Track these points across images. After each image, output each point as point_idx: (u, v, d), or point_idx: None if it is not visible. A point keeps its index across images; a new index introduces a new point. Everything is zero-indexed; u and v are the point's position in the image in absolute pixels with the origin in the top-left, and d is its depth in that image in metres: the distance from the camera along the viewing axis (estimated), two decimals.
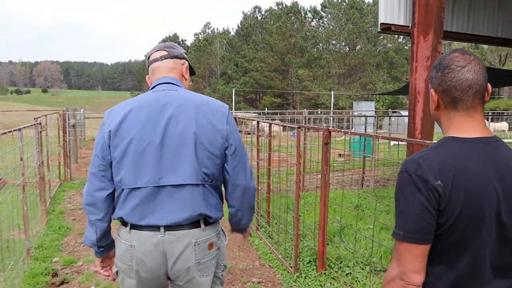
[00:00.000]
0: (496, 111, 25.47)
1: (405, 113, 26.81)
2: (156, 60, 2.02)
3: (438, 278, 1.31)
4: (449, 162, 1.26)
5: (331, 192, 5.44)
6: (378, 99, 45.23)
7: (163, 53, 2.03)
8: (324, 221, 4.03)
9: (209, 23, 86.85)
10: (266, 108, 39.30)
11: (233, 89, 37.57)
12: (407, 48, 52.87)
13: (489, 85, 1.35)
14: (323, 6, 56.10)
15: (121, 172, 1.85)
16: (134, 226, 1.87)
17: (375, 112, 26.77)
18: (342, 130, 4.41)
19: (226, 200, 2.07)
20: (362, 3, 52.17)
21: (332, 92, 37.16)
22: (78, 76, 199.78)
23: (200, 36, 70.67)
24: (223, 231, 2.13)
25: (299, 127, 4.26)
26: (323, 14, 56.58)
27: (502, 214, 1.27)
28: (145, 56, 2.17)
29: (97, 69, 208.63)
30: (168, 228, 1.84)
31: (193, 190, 1.86)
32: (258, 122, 5.68)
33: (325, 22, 56.69)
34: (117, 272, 2.02)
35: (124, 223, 1.92)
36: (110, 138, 1.85)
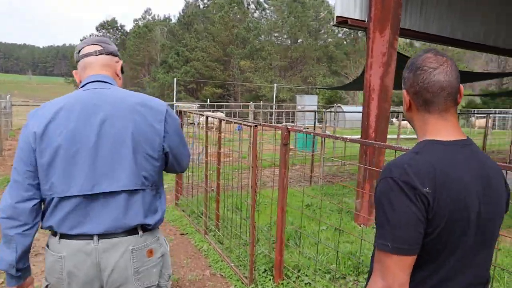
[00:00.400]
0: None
1: (347, 108, 27.33)
2: (89, 54, 1.85)
3: (420, 284, 1.28)
4: (433, 167, 1.21)
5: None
6: (318, 92, 46.07)
7: (98, 48, 1.87)
8: (282, 229, 3.73)
9: (150, 9, 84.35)
10: (208, 100, 38.68)
11: (175, 79, 36.39)
12: (346, 43, 54.21)
13: (461, 86, 1.33)
14: None
15: (50, 179, 1.67)
16: (64, 236, 1.71)
17: (317, 106, 27.07)
18: (304, 130, 4.11)
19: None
20: None
21: (275, 85, 37.11)
22: (6, 59, 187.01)
23: (140, 22, 68.17)
24: (162, 236, 1.97)
25: (256, 125, 3.91)
26: (266, 6, 56.53)
27: (481, 218, 1.26)
28: (75, 49, 1.93)
29: (28, 52, 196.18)
30: (102, 236, 1.70)
31: (130, 197, 1.72)
32: (207, 118, 5.27)
33: (268, 14, 56.65)
34: (46, 286, 1.80)
35: (53, 233, 1.75)
36: (36, 141, 1.66)
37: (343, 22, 5.85)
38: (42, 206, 1.77)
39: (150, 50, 60.84)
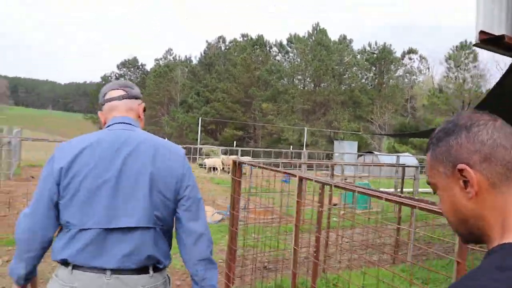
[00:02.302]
0: None
1: (383, 157, 25.52)
2: (113, 99, 1.97)
3: None
4: None
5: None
6: (342, 138, 44.62)
7: (122, 92, 1.98)
8: None
9: (171, 49, 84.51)
10: (234, 142, 37.28)
11: (199, 119, 35.09)
12: (371, 87, 53.12)
13: None
14: (289, 41, 55.62)
15: (70, 211, 1.76)
16: (77, 267, 1.74)
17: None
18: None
19: (181, 256, 1.94)
20: (329, 40, 52.05)
21: (306, 128, 35.60)
22: (28, 93, 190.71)
23: (161, 61, 68.36)
24: (168, 277, 1.99)
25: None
26: (289, 49, 56.05)
27: None
28: (101, 93, 2.04)
29: (49, 87, 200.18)
30: (115, 271, 1.74)
31: (143, 234, 1.78)
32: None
33: (291, 57, 56.09)
34: None
35: (66, 264, 1.77)
36: (61, 176, 1.75)
37: (489, 40, 3.90)
38: (56, 236, 1.84)
39: (170, 90, 60.54)
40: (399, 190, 7.98)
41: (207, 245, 1.92)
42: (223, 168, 22.13)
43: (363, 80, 53.95)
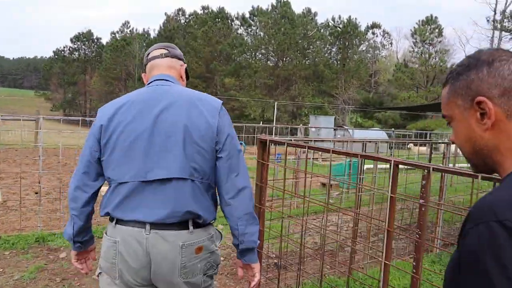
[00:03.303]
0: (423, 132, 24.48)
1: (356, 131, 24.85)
2: (155, 57, 1.99)
3: None
4: None
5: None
6: (306, 113, 43.98)
7: (164, 51, 2.00)
8: None
9: (128, 22, 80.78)
10: None
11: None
12: (336, 63, 52.53)
13: None
14: (252, 14, 53.84)
15: (110, 167, 1.81)
16: (119, 221, 1.80)
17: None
18: None
19: (222, 211, 1.91)
20: (293, 13, 50.72)
21: (276, 102, 34.45)
22: None
23: (117, 35, 65.08)
24: (219, 232, 2.00)
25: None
26: (252, 22, 54.32)
27: None
28: (145, 54, 2.08)
29: None
30: (154, 226, 1.75)
31: (179, 185, 1.76)
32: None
33: (254, 31, 54.44)
34: (99, 274, 1.91)
35: (110, 218, 1.85)
36: (101, 132, 1.81)
37: None
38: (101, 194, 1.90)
39: (128, 64, 57.84)
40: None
41: (249, 199, 1.88)
42: None
43: (327, 55, 53.20)
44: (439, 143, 12.83)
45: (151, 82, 1.91)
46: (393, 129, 25.06)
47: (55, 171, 11.36)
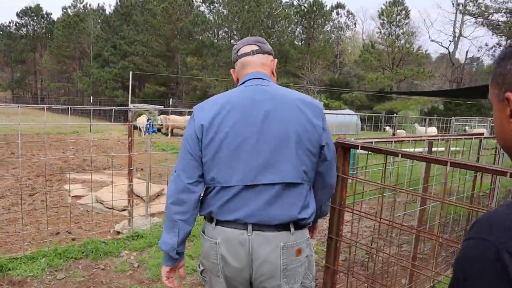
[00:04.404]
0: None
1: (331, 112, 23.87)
2: (246, 54, 1.95)
3: None
4: None
5: None
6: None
7: (254, 47, 1.96)
8: None
9: None
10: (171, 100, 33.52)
11: (130, 73, 30.53)
12: (301, 43, 51.55)
13: None
14: None
15: (213, 170, 1.79)
16: (220, 222, 1.80)
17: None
18: None
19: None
20: None
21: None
22: None
23: (69, 10, 61.15)
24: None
25: None
26: None
27: None
28: (233, 50, 2.02)
29: None
30: (256, 227, 1.75)
31: (288, 190, 1.77)
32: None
33: (216, 8, 52.40)
34: (202, 271, 1.94)
35: (210, 219, 1.85)
36: (203, 133, 1.78)
37: None
38: (201, 195, 1.87)
39: (82, 42, 54.38)
40: None
41: (333, 192, 2.06)
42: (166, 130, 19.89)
43: (292, 35, 52.09)
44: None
45: (245, 81, 1.88)
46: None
47: (10, 165, 9.54)
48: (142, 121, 19.07)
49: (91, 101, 31.58)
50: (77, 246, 4.60)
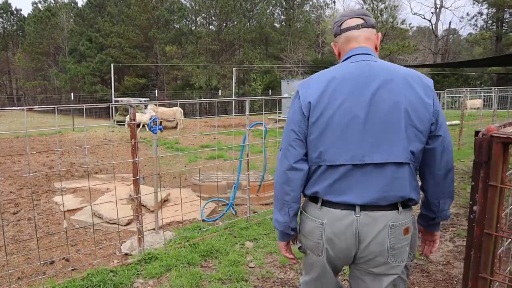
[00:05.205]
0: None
1: None
2: (351, 28, 1.86)
3: None
4: None
5: None
6: (255, 78, 42.04)
7: (360, 21, 1.87)
8: None
9: None
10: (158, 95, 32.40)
11: (112, 65, 29.39)
12: (282, 25, 50.44)
13: None
14: None
15: (320, 148, 1.75)
16: (326, 203, 1.77)
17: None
18: None
19: (423, 188, 1.88)
20: None
21: (234, 69, 31.88)
22: None
23: (40, 5, 58.88)
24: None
25: None
26: None
27: None
28: (335, 22, 1.93)
29: None
30: (364, 208, 1.72)
31: (397, 170, 1.71)
32: None
33: None
34: (299, 247, 1.93)
35: (315, 199, 1.82)
36: (310, 110, 1.74)
37: None
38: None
39: (56, 37, 52.45)
40: None
41: (454, 179, 1.84)
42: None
43: (272, 16, 50.87)
44: None
45: (351, 56, 1.82)
46: None
47: None
48: (141, 119, 17.30)
49: (72, 98, 30.28)
50: (79, 280, 3.77)
